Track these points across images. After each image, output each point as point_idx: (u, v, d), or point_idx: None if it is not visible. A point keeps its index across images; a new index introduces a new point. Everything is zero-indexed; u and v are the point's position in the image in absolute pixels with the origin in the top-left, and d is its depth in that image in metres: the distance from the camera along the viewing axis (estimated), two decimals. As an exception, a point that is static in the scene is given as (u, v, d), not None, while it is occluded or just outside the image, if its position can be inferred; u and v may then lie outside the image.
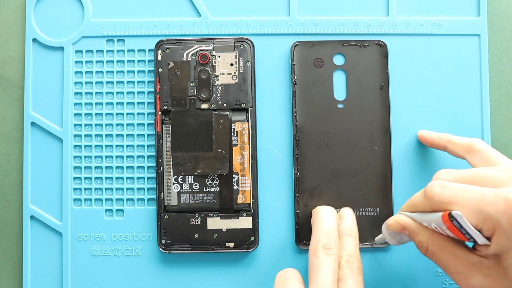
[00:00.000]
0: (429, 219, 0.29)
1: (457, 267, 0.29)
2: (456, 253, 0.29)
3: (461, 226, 0.27)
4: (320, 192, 0.38)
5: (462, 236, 0.27)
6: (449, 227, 0.27)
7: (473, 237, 0.27)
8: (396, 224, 0.31)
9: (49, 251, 0.39)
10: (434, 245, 0.29)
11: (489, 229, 0.26)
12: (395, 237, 0.33)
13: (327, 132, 0.38)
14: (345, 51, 0.39)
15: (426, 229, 0.30)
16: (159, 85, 0.38)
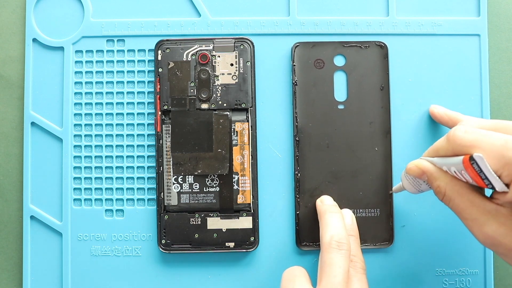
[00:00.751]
0: (449, 163, 0.29)
1: (473, 214, 0.28)
2: (473, 199, 0.29)
3: (481, 170, 0.26)
4: (320, 193, 0.38)
5: (480, 181, 0.27)
6: (468, 171, 0.27)
7: (492, 183, 0.27)
8: (415, 168, 0.31)
9: (49, 251, 0.39)
10: (452, 190, 0.29)
11: (509, 175, 0.26)
12: (414, 184, 0.33)
13: (327, 133, 0.38)
14: (345, 52, 0.39)
15: (445, 174, 0.30)
16: (159, 85, 0.38)
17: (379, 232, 0.38)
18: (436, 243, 0.39)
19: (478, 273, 0.39)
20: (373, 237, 0.38)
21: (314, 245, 0.38)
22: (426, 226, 0.39)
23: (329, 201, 0.37)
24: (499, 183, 0.27)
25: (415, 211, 0.39)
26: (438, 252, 0.39)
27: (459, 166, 0.28)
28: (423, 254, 0.39)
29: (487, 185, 0.27)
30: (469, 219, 0.29)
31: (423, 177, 0.31)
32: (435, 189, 0.30)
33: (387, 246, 0.38)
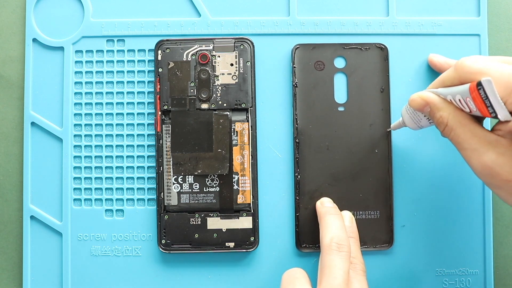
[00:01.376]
0: (454, 91, 0.29)
1: (473, 144, 0.29)
2: (474, 130, 0.29)
3: (487, 97, 0.27)
4: (320, 195, 0.38)
5: (484, 109, 0.27)
6: (474, 98, 0.27)
7: (496, 111, 0.27)
8: (419, 99, 0.31)
9: (49, 251, 0.39)
10: (454, 120, 0.30)
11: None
12: (414, 118, 0.33)
13: (327, 135, 0.38)
14: (346, 54, 0.39)
15: (448, 104, 0.30)
16: (159, 85, 0.38)
17: (379, 234, 0.38)
18: (436, 243, 0.39)
19: (478, 273, 0.39)
20: (373, 239, 0.38)
21: (314, 247, 0.38)
22: (426, 226, 0.39)
23: (329, 203, 0.37)
24: (504, 111, 0.27)
25: (415, 211, 0.39)
26: (438, 252, 0.39)
27: (464, 93, 0.28)
28: (423, 254, 0.39)
29: (490, 113, 0.27)
30: (469, 149, 0.29)
31: (426, 108, 0.31)
32: (437, 120, 0.30)
33: (387, 248, 0.38)
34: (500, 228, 0.39)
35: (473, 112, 0.29)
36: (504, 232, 0.40)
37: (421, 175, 0.39)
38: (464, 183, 0.39)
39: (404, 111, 0.34)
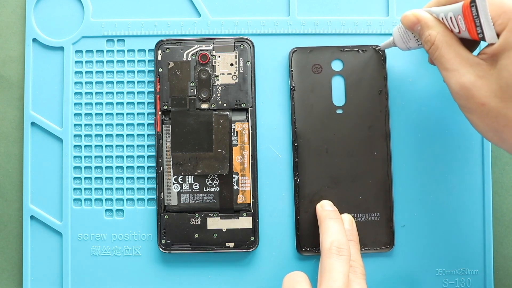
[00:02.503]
0: (447, 9, 0.29)
1: (455, 64, 0.29)
2: (458, 51, 0.30)
3: (478, 16, 0.27)
4: (320, 198, 0.38)
5: (473, 29, 0.28)
6: (465, 15, 0.28)
7: (484, 31, 0.28)
8: (411, 16, 0.32)
9: (49, 251, 0.39)
10: (441, 39, 0.30)
11: (503, 23, 0.27)
12: (404, 37, 0.34)
13: (326, 138, 0.38)
14: (343, 57, 0.39)
15: (439, 23, 0.31)
16: (159, 85, 0.38)
17: (379, 236, 0.38)
18: (436, 243, 0.39)
19: (478, 273, 0.39)
20: (373, 242, 0.38)
21: (314, 251, 0.38)
22: (426, 226, 0.39)
23: (329, 207, 0.37)
24: (491, 32, 0.28)
25: (415, 211, 0.39)
26: (438, 252, 0.39)
27: (457, 11, 0.29)
28: (423, 254, 0.39)
29: (478, 34, 0.28)
30: (450, 69, 0.30)
31: (416, 27, 0.32)
32: (425, 38, 0.31)
33: (387, 250, 0.38)
34: (500, 228, 0.39)
35: (462, 32, 0.29)
36: (504, 232, 0.40)
37: (420, 176, 0.39)
38: (464, 184, 0.39)
39: (396, 30, 0.35)
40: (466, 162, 0.38)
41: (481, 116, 0.29)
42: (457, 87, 0.29)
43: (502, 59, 0.28)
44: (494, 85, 0.28)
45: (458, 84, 0.29)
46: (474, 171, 0.39)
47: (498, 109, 0.28)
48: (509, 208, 0.40)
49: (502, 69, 0.28)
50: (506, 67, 0.28)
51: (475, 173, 0.39)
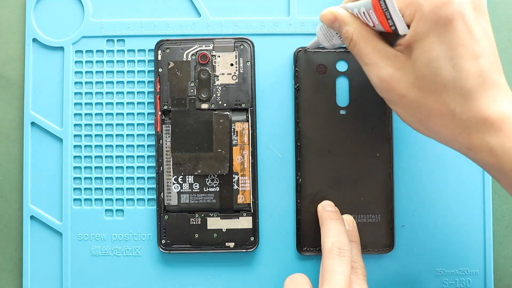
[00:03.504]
0: (359, 4, 0.30)
1: (373, 59, 0.30)
2: (376, 45, 0.30)
3: (387, 9, 0.28)
4: (321, 198, 0.38)
5: (385, 22, 0.28)
6: (375, 9, 0.28)
7: (395, 23, 0.28)
8: (328, 14, 0.32)
9: (49, 251, 0.39)
10: (358, 35, 0.30)
11: (411, 14, 0.27)
12: (327, 35, 0.34)
13: (329, 138, 0.38)
14: (348, 58, 0.38)
15: (355, 20, 0.31)
16: (159, 85, 0.38)
17: (380, 238, 0.38)
18: (436, 243, 0.39)
19: (478, 273, 0.39)
20: (374, 243, 0.38)
21: (315, 251, 0.38)
22: (426, 226, 0.39)
23: (330, 207, 0.37)
24: (402, 23, 0.28)
25: (415, 211, 0.39)
26: (438, 252, 0.39)
27: (367, 5, 0.29)
28: (423, 254, 0.39)
29: (390, 26, 0.28)
30: (370, 64, 0.30)
31: (335, 24, 0.32)
32: (344, 35, 0.31)
33: (387, 252, 0.38)
34: (500, 228, 0.39)
35: (377, 26, 0.29)
36: (504, 232, 0.40)
37: (421, 178, 0.39)
38: (464, 184, 0.39)
39: (318, 29, 0.34)
40: (466, 162, 0.38)
41: (404, 108, 0.29)
42: (377, 80, 0.29)
43: (414, 49, 0.28)
44: (411, 76, 0.28)
45: (377, 78, 0.29)
46: (474, 172, 0.39)
47: (418, 99, 0.28)
48: (509, 208, 0.40)
49: (415, 60, 0.28)
50: (418, 57, 0.28)
51: (475, 174, 0.39)
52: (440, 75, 0.27)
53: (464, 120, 0.27)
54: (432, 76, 0.27)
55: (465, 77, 0.27)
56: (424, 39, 0.27)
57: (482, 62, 0.27)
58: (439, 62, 0.27)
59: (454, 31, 0.27)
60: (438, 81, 0.27)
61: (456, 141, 0.28)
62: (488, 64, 0.27)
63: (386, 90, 0.29)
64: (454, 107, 0.27)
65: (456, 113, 0.27)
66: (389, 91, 0.29)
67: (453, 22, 0.27)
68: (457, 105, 0.27)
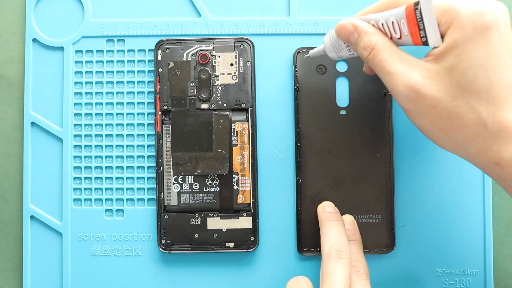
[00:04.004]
0: (388, 14, 0.29)
1: (400, 67, 0.28)
2: (401, 54, 0.29)
3: (422, 19, 0.27)
4: (322, 198, 0.38)
5: (417, 33, 0.28)
6: (409, 19, 0.27)
7: (427, 35, 0.27)
8: (348, 25, 0.30)
9: (49, 251, 0.39)
10: (382, 44, 0.29)
11: (447, 22, 0.27)
12: (336, 46, 0.33)
13: (329, 139, 0.38)
14: (348, 58, 0.38)
15: (377, 31, 0.30)
16: (159, 85, 0.38)
17: (380, 238, 0.38)
18: (436, 243, 0.39)
19: (478, 273, 0.39)
20: (374, 243, 0.38)
21: (315, 251, 0.38)
22: (426, 226, 0.39)
23: (330, 208, 0.37)
24: (436, 34, 0.27)
25: (415, 211, 0.39)
26: (438, 252, 0.39)
27: (400, 14, 0.28)
28: (423, 254, 0.39)
29: (421, 37, 0.28)
30: (395, 72, 0.28)
31: (353, 35, 0.30)
32: (365, 43, 0.30)
33: (388, 252, 0.38)
34: (500, 228, 0.39)
35: (404, 37, 0.29)
36: (504, 232, 0.40)
37: (421, 178, 0.39)
38: (464, 184, 0.39)
39: (327, 38, 0.33)
40: (466, 163, 0.38)
41: (433, 120, 0.28)
42: (406, 89, 0.28)
43: (449, 58, 0.27)
44: (444, 84, 0.27)
45: (405, 86, 0.28)
46: (474, 172, 0.39)
47: (451, 109, 0.27)
48: (509, 208, 0.40)
49: (451, 68, 0.27)
50: (455, 65, 0.27)
51: (475, 174, 0.39)
52: (476, 83, 0.26)
53: (495, 132, 0.27)
54: (467, 84, 0.27)
55: (498, 88, 0.26)
56: (462, 47, 0.27)
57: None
58: (476, 70, 0.26)
59: (491, 40, 0.26)
60: (473, 90, 0.27)
61: (485, 155, 0.27)
62: None
63: (416, 100, 0.28)
64: (486, 117, 0.27)
65: (488, 123, 0.27)
66: (419, 100, 0.28)
67: (490, 31, 0.26)
68: (489, 115, 0.27)
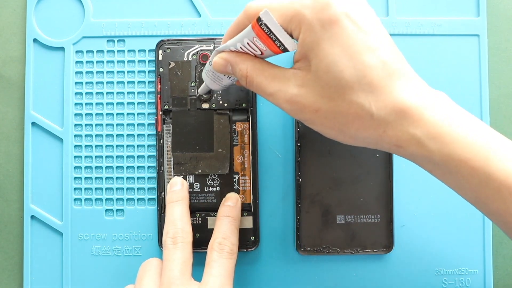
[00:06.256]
0: (241, 36, 0.29)
1: (275, 86, 0.28)
2: (273, 73, 0.29)
3: (270, 31, 0.27)
4: (321, 198, 0.38)
5: (272, 44, 0.27)
6: (258, 34, 0.27)
7: (283, 42, 0.27)
8: (220, 61, 0.30)
9: (50, 250, 0.39)
10: (253, 69, 0.29)
11: (297, 28, 0.27)
12: (215, 79, 0.33)
13: (329, 139, 0.38)
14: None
15: (246, 57, 0.29)
16: (160, 85, 0.38)
17: (379, 238, 0.38)
18: (435, 243, 0.39)
19: (477, 272, 0.39)
20: (373, 244, 0.38)
21: (314, 251, 0.38)
22: (425, 226, 0.39)
23: (176, 186, 0.36)
24: (289, 39, 0.27)
25: (414, 211, 0.39)
26: (437, 252, 0.39)
27: (250, 33, 0.28)
28: (423, 254, 0.39)
29: (279, 47, 0.27)
30: (273, 92, 0.28)
31: (228, 67, 0.30)
32: (238, 73, 0.30)
33: (387, 253, 0.38)
34: (500, 227, 0.40)
35: (265, 52, 0.29)
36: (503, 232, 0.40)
37: (421, 178, 0.39)
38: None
39: (204, 74, 0.34)
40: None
41: (322, 123, 0.28)
42: (287, 104, 0.28)
43: (311, 60, 0.27)
44: (317, 87, 0.27)
45: (286, 102, 0.28)
46: (474, 171, 0.39)
47: (331, 108, 0.27)
48: (509, 207, 0.40)
49: (316, 70, 0.27)
50: (318, 67, 0.27)
51: (474, 173, 0.39)
52: (344, 77, 0.26)
53: (384, 117, 0.26)
54: (336, 81, 0.26)
55: (369, 73, 0.26)
56: (317, 47, 0.26)
57: (381, 53, 0.26)
58: (339, 65, 0.26)
59: (343, 30, 0.26)
60: (343, 85, 0.26)
61: (384, 141, 0.27)
62: (389, 54, 0.26)
63: (299, 110, 0.28)
64: (369, 106, 0.26)
65: (374, 112, 0.26)
66: (302, 110, 0.28)
67: (339, 22, 0.26)
68: (371, 103, 0.26)
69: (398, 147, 0.27)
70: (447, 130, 0.26)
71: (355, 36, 0.26)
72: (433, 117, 0.26)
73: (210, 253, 0.33)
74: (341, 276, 0.39)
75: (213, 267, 0.32)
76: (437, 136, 0.26)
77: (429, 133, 0.26)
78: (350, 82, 0.26)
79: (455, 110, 0.27)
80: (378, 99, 0.26)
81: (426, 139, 0.26)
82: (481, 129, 0.26)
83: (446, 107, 0.27)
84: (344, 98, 0.26)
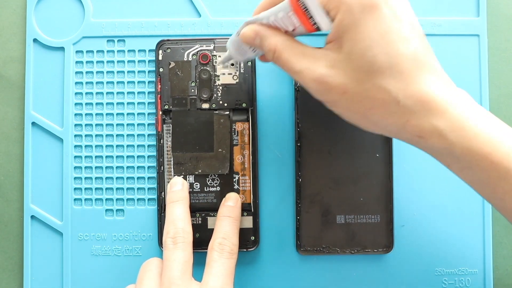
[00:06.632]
0: (277, 9, 0.28)
1: (303, 64, 0.28)
2: (302, 50, 0.29)
3: (308, 8, 0.27)
4: (321, 198, 0.38)
5: (307, 23, 0.28)
6: (295, 10, 0.27)
7: (318, 22, 0.27)
8: (250, 32, 0.30)
9: (50, 251, 0.39)
10: (283, 44, 0.29)
11: (335, 8, 0.27)
12: (240, 50, 0.33)
13: (329, 139, 0.38)
14: None
15: (275, 31, 0.30)
16: (160, 85, 0.38)
17: (379, 238, 0.38)
18: (435, 243, 0.39)
19: (477, 272, 0.39)
20: (373, 243, 0.38)
21: (314, 251, 0.38)
22: (425, 226, 0.39)
23: (176, 186, 0.36)
24: (325, 19, 0.27)
25: (414, 211, 0.39)
26: (437, 252, 0.39)
27: (287, 8, 0.28)
28: (423, 254, 0.39)
29: (313, 25, 0.28)
30: (301, 70, 0.28)
31: (256, 40, 0.30)
32: (267, 47, 0.30)
33: (387, 252, 0.38)
34: (500, 228, 0.40)
35: (298, 29, 0.29)
36: (503, 232, 0.40)
37: (421, 178, 0.39)
38: (463, 184, 0.39)
39: (229, 44, 0.33)
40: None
41: (347, 105, 0.28)
42: (314, 84, 0.28)
43: (345, 42, 0.27)
44: (348, 70, 0.27)
45: (313, 81, 0.28)
46: (474, 171, 0.39)
47: (359, 92, 0.27)
48: (509, 207, 0.40)
49: (349, 52, 0.27)
50: (352, 49, 0.27)
51: (474, 173, 0.39)
52: (376, 62, 0.26)
53: (409, 106, 0.27)
54: (368, 65, 0.26)
55: (401, 62, 0.26)
56: (353, 30, 0.26)
57: (414, 45, 0.27)
58: (373, 49, 0.26)
59: (381, 17, 0.26)
60: (375, 69, 0.26)
61: (406, 131, 0.27)
62: (420, 47, 0.27)
63: (325, 90, 0.28)
64: (396, 94, 0.26)
65: (400, 99, 0.27)
66: (328, 91, 0.28)
67: (379, 8, 0.26)
68: (399, 91, 0.26)
69: (419, 138, 0.27)
70: (469, 124, 0.26)
71: (391, 24, 0.26)
72: (456, 111, 0.26)
73: (210, 253, 0.33)
74: (341, 276, 0.39)
75: (214, 267, 0.32)
76: (459, 129, 0.26)
77: (452, 126, 0.26)
78: (382, 68, 0.26)
79: (477, 107, 0.27)
80: (406, 88, 0.26)
81: (448, 132, 0.26)
82: (501, 126, 0.27)
83: (468, 103, 0.27)
84: (374, 82, 0.27)
